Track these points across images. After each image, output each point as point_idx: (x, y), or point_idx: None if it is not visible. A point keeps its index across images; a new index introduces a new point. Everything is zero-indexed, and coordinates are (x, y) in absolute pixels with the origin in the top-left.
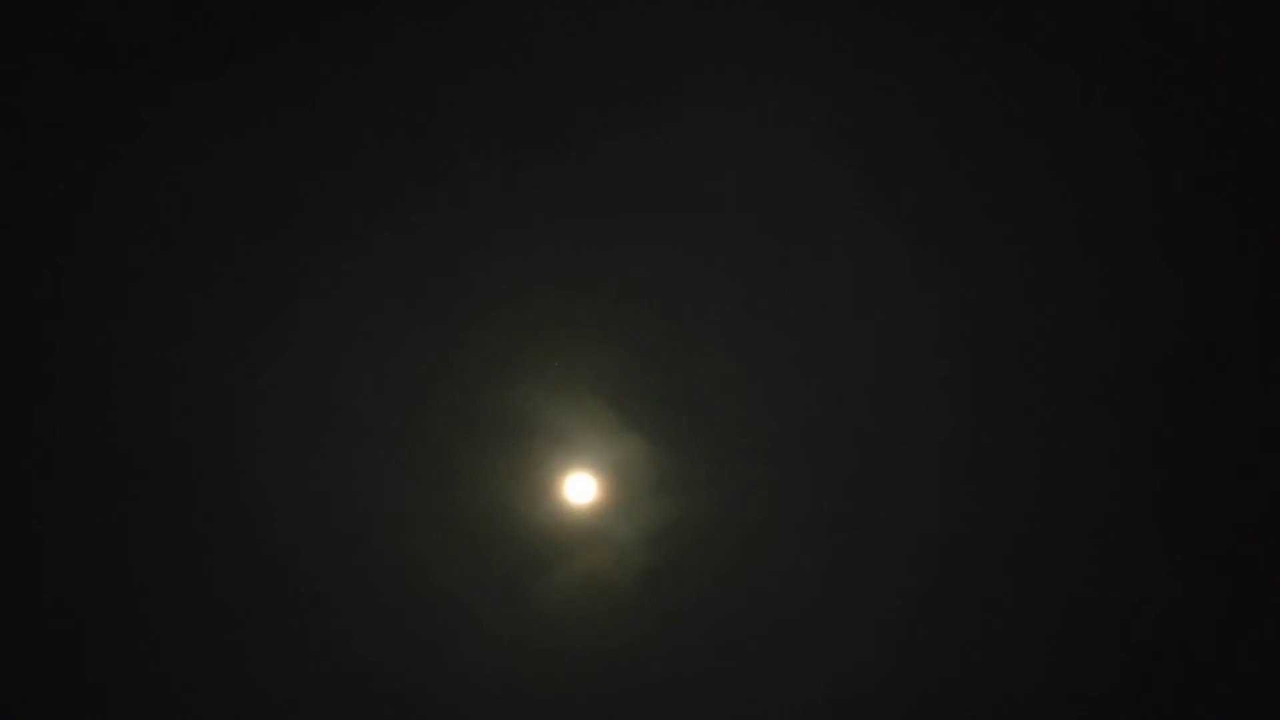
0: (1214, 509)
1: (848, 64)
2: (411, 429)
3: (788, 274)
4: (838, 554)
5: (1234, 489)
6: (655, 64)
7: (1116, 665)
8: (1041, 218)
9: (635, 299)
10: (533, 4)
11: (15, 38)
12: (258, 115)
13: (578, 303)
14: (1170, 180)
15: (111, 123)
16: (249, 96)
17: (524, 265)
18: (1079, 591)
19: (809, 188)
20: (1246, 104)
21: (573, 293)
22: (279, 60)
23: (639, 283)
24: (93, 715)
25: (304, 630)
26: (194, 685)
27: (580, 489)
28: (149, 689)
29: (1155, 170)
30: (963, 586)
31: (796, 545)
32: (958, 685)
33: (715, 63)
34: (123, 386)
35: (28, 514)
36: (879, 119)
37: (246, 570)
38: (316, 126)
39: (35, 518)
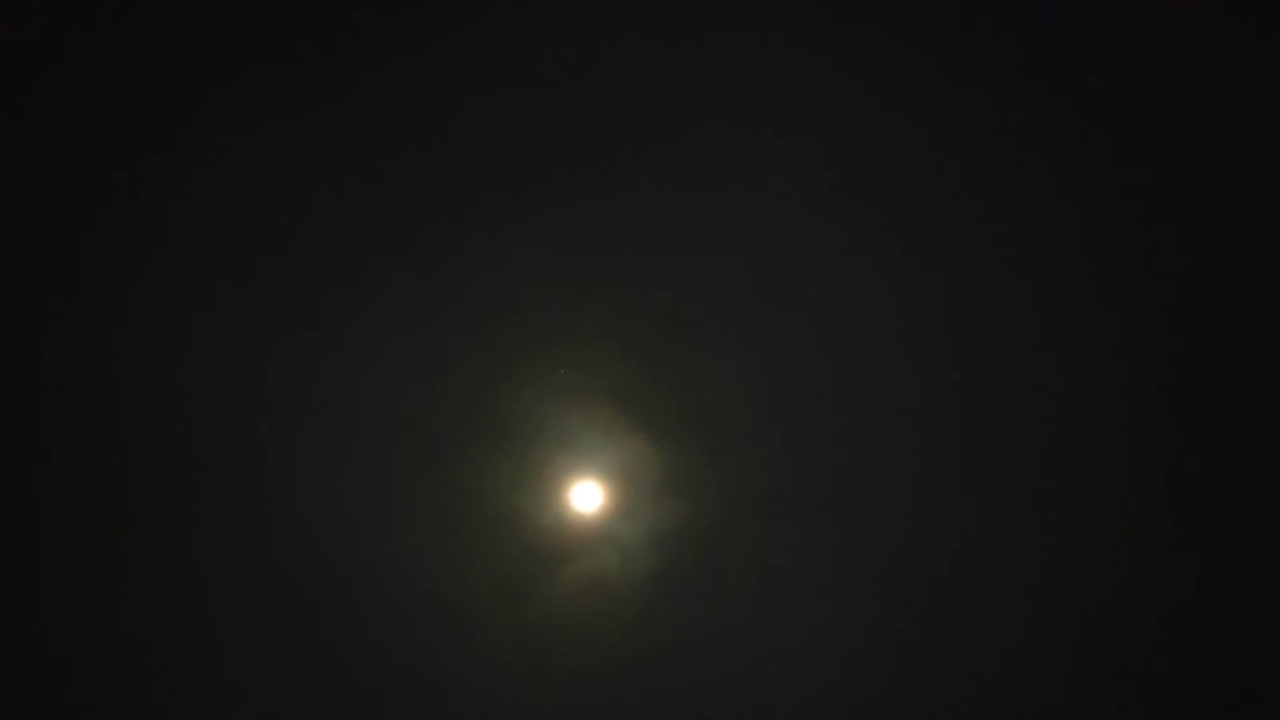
0: (1220, 506)
1: (856, 83)
2: (417, 435)
3: (792, 281)
4: (844, 556)
5: (1242, 485)
6: (664, 79)
7: (1122, 668)
8: (1047, 229)
9: (641, 306)
10: (546, 18)
11: (29, 42)
12: (265, 122)
13: (583, 310)
14: (1173, 184)
15: (116, 128)
16: (260, 103)
17: (530, 273)
18: (1088, 594)
19: (812, 198)
20: (1245, 103)
21: (579, 300)
22: (296, 69)
23: (645, 290)
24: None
25: (306, 636)
26: (197, 689)
27: (586, 495)
28: (152, 693)
29: (1158, 175)
30: (970, 586)
31: (803, 547)
32: (966, 686)
33: (722, 78)
34: (131, 387)
35: (28, 514)
36: (882, 135)
37: (248, 575)
38: (325, 134)
39: (36, 518)
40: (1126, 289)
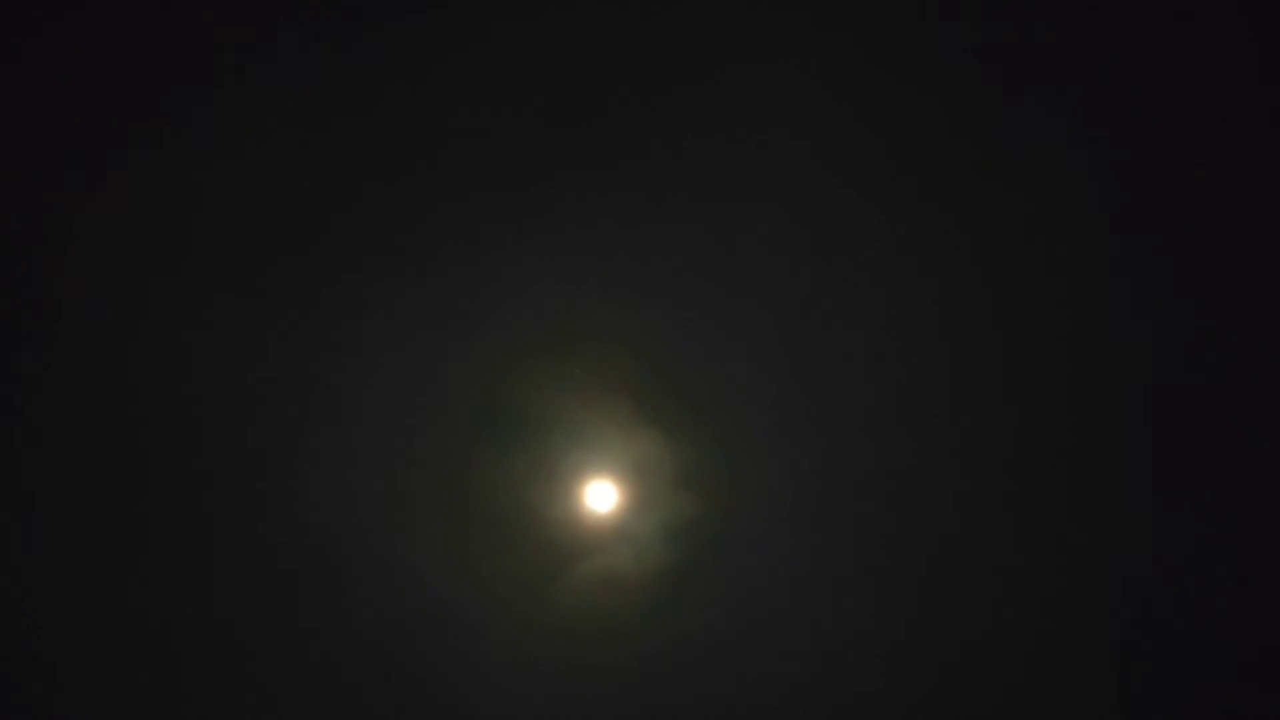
0: (1216, 503)
1: (861, 83)
2: (431, 434)
3: (809, 279)
4: (859, 553)
5: (1235, 482)
6: (669, 79)
7: (1124, 666)
8: (1051, 230)
9: (655, 305)
10: (556, 19)
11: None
12: (272, 119)
13: (598, 309)
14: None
15: (115, 127)
16: (265, 103)
17: (545, 272)
18: (1085, 599)
19: (821, 198)
20: (1244, 100)
21: (593, 299)
22: (307, 69)
23: (660, 289)
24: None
25: (320, 633)
26: (202, 689)
27: (601, 493)
28: (156, 693)
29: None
30: (977, 582)
31: (818, 545)
32: (975, 683)
33: (728, 78)
34: (141, 383)
35: (26, 512)
36: (889, 134)
37: (259, 572)
38: (335, 129)
39: (34, 517)
40: (1130, 288)
